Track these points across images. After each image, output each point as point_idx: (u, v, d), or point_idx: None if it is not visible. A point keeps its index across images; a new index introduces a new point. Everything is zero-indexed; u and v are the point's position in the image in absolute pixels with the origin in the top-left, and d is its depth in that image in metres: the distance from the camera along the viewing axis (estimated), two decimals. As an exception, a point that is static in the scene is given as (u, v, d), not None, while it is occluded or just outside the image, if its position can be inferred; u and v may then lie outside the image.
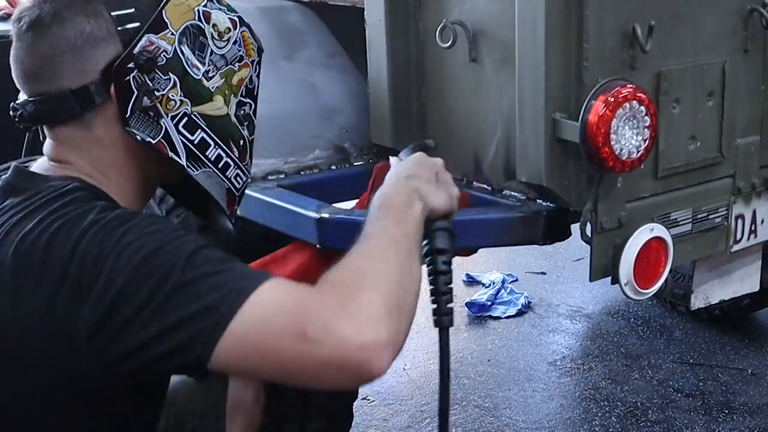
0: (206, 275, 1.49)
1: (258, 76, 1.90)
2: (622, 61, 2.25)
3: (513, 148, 2.31)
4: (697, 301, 2.85)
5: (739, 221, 2.62)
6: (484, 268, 5.61)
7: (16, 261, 1.53)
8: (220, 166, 1.80)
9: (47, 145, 1.73)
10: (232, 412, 2.25)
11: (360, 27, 2.65)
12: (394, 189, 1.73)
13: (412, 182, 1.76)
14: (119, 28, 1.66)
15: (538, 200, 2.34)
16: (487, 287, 5.29)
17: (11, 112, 1.71)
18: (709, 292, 2.85)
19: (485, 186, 2.49)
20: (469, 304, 5.07)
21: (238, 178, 1.85)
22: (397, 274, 1.58)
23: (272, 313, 1.47)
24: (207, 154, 1.77)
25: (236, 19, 1.83)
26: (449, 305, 1.83)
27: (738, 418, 3.91)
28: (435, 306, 1.84)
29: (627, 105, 2.13)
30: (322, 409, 2.89)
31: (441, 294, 1.83)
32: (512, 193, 2.41)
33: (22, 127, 1.73)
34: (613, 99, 2.12)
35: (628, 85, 2.16)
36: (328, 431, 2.97)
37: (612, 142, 2.12)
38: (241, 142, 1.84)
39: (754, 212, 2.65)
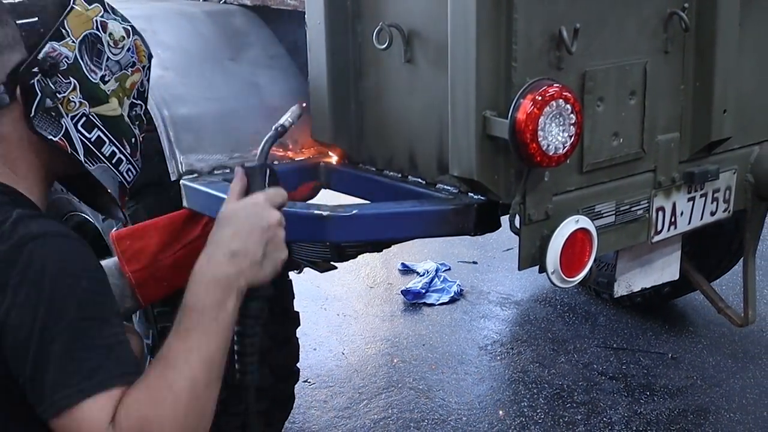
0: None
1: (148, 80, 2.04)
2: (549, 61, 2.28)
3: (446, 144, 2.34)
4: (620, 289, 2.91)
5: (660, 213, 2.67)
6: (418, 257, 5.69)
7: None
8: (114, 161, 1.93)
9: None
10: None
11: (301, 29, 2.67)
12: (211, 279, 1.67)
13: (235, 265, 1.69)
14: (24, 36, 1.78)
15: (469, 193, 2.36)
16: (421, 276, 5.38)
17: None
18: (632, 281, 2.91)
19: (420, 180, 2.52)
20: (405, 292, 5.15)
21: (130, 173, 1.98)
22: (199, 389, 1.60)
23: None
24: (102, 150, 1.90)
25: (129, 28, 1.97)
26: (252, 366, 1.83)
27: (659, 399, 4.01)
28: (238, 366, 1.84)
29: (554, 103, 2.15)
30: (265, 391, 2.93)
31: (246, 355, 1.83)
32: (445, 186, 2.44)
33: None
34: (540, 98, 2.14)
35: (554, 85, 2.18)
36: (272, 412, 3.03)
37: (539, 139, 2.15)
38: (133, 139, 1.98)
39: (674, 205, 2.71)
